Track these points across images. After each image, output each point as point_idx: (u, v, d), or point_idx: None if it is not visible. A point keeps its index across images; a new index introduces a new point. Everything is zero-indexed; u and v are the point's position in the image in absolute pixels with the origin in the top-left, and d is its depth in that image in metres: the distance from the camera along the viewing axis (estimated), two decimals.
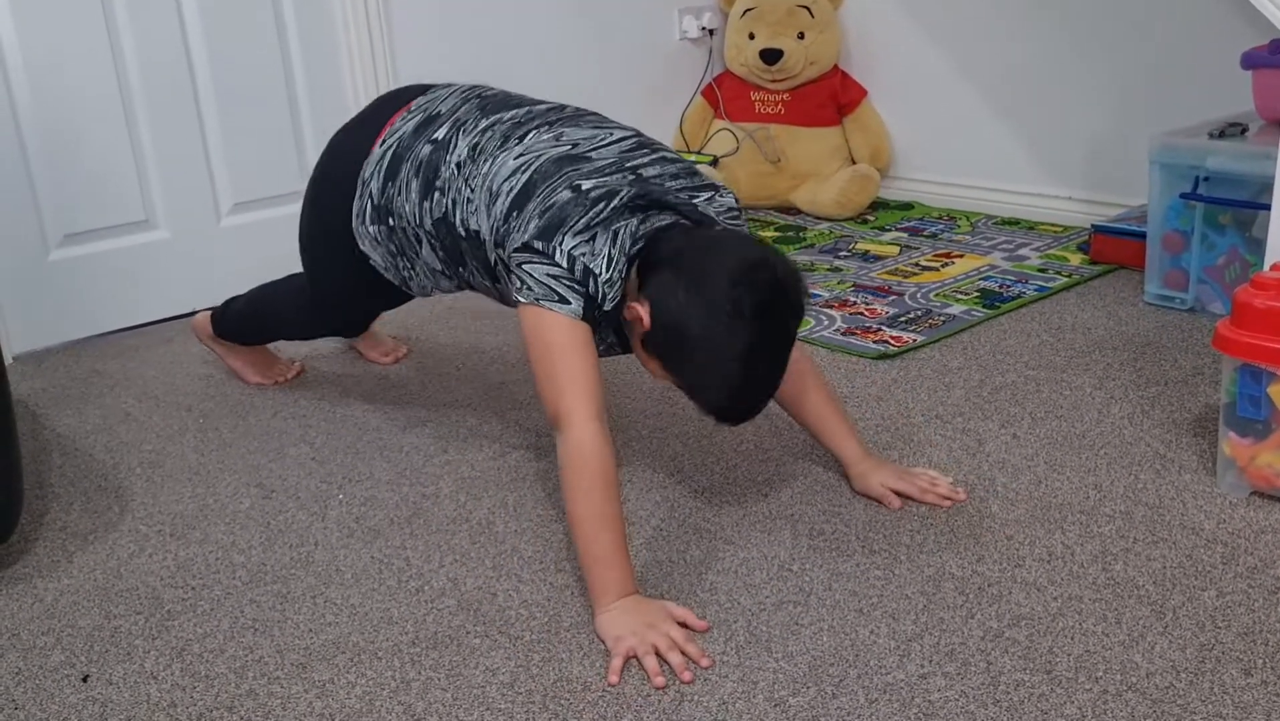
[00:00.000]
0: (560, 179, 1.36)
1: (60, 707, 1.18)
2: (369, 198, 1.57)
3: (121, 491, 1.66)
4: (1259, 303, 1.40)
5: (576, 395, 1.28)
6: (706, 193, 1.41)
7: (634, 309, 1.30)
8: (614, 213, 1.32)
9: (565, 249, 1.30)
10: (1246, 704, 1.09)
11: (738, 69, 3.13)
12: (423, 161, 1.51)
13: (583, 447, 1.26)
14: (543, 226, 1.31)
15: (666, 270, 1.29)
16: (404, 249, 1.56)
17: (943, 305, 2.26)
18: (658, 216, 1.36)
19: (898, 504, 1.48)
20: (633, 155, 1.42)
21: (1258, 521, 1.42)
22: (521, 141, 1.44)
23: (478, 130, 1.49)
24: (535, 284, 1.30)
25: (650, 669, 1.17)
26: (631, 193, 1.34)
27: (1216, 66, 2.39)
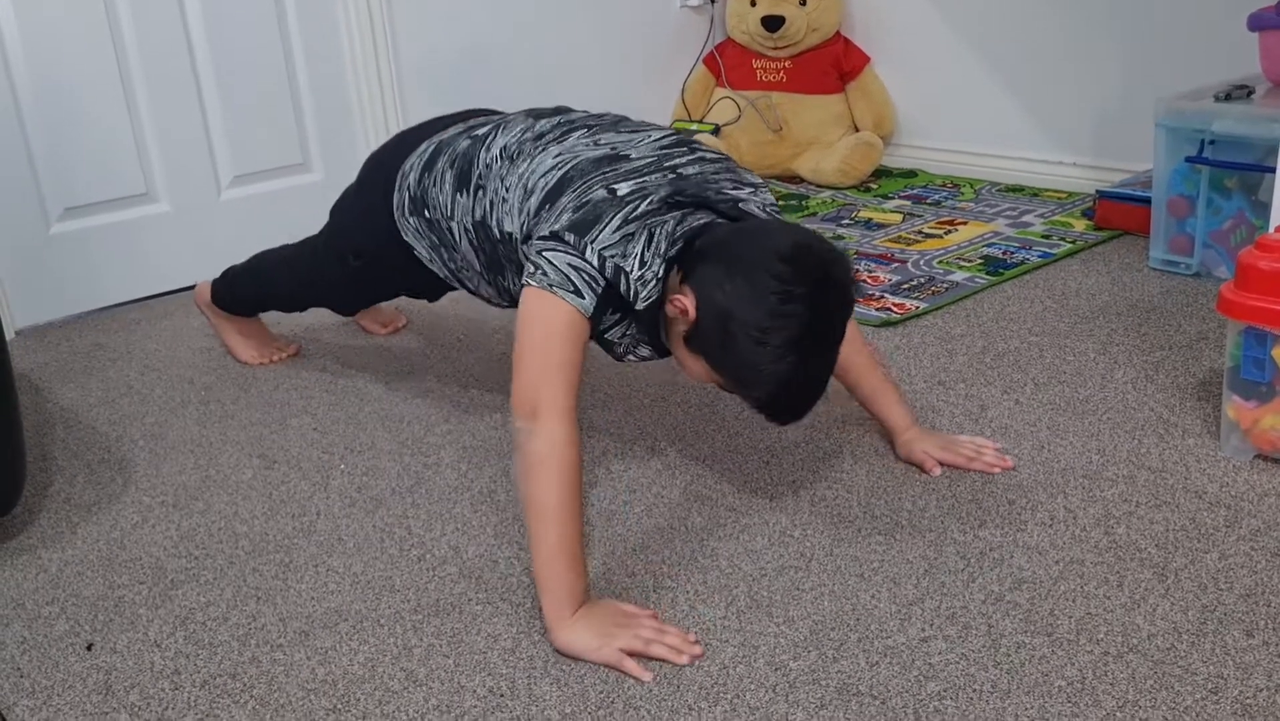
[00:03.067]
0: (597, 177, 1.32)
1: (65, 675, 1.19)
2: (406, 189, 1.55)
3: (124, 463, 1.67)
4: (1263, 265, 1.39)
5: (558, 386, 1.22)
6: (747, 189, 1.37)
7: (678, 301, 1.24)
8: (649, 212, 1.27)
9: (597, 247, 1.24)
10: (1248, 665, 1.09)
11: (739, 37, 3.11)
12: (459, 154, 1.49)
13: (556, 440, 1.19)
14: (575, 220, 1.26)
15: (710, 261, 1.23)
16: (444, 240, 1.53)
17: (946, 272, 2.25)
18: (694, 215, 1.30)
19: (937, 470, 1.48)
20: (671, 153, 1.37)
21: (1261, 484, 1.41)
22: (560, 143, 1.41)
23: (516, 130, 1.47)
24: (552, 270, 1.24)
25: (664, 655, 1.14)
26: (667, 190, 1.29)
27: (1222, 28, 2.37)
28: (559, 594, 1.18)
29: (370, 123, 2.64)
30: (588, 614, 1.18)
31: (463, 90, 2.80)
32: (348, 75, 2.60)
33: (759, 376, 1.20)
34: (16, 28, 2.15)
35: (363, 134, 2.65)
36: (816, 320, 1.20)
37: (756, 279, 1.18)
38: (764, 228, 1.29)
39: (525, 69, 2.91)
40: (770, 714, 1.07)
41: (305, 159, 2.58)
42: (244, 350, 2.02)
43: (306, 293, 1.86)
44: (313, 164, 2.60)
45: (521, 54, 2.89)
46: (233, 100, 2.43)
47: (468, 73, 2.80)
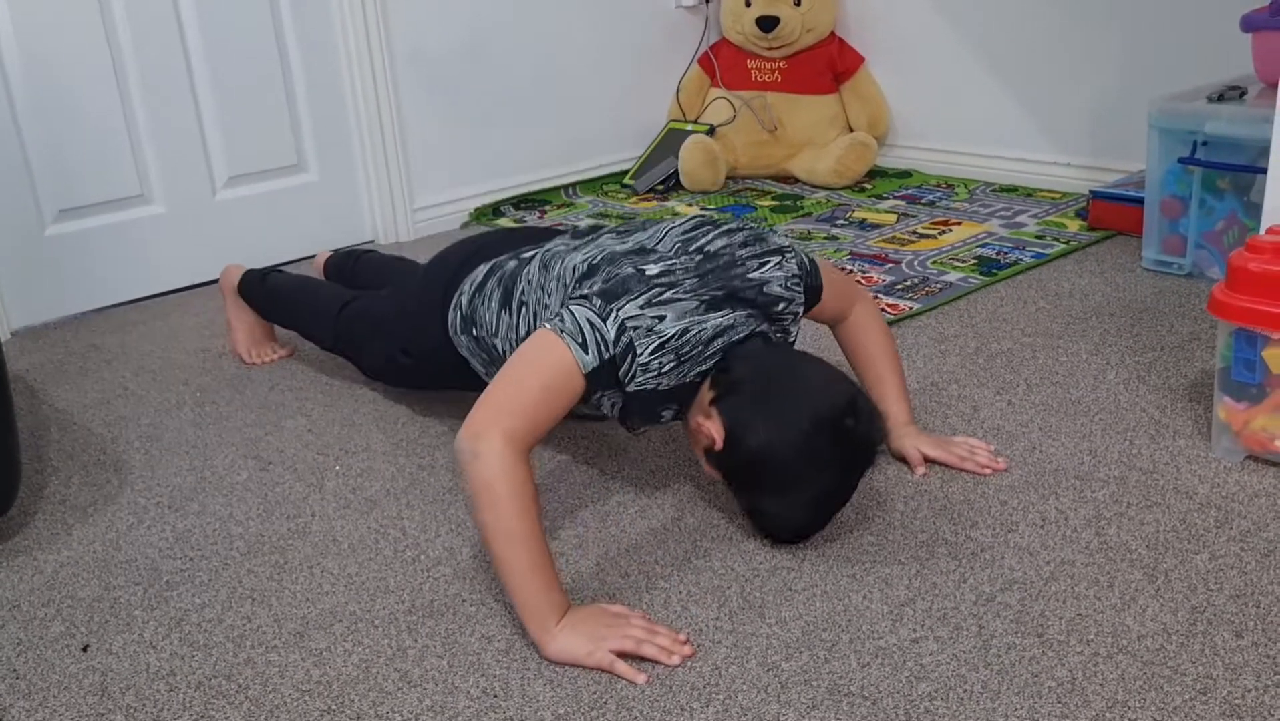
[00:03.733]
0: (626, 262, 1.34)
1: (61, 677, 1.19)
2: (459, 308, 1.55)
3: (120, 464, 1.67)
4: (1254, 266, 1.40)
5: (526, 421, 1.19)
6: (774, 258, 1.37)
7: (704, 426, 1.27)
8: (680, 297, 1.27)
9: (620, 316, 1.24)
10: (1237, 665, 1.10)
11: (734, 37, 3.12)
12: (506, 273, 1.51)
13: (510, 466, 1.16)
14: (604, 290, 1.27)
15: (745, 397, 1.26)
16: (493, 358, 1.52)
17: (939, 273, 2.26)
18: (734, 323, 1.30)
19: (922, 469, 1.49)
20: (695, 235, 1.40)
21: (1251, 485, 1.42)
22: (591, 245, 1.44)
23: (555, 246, 1.49)
24: (569, 319, 1.25)
25: (656, 655, 1.15)
26: (698, 281, 1.30)
27: (1216, 29, 2.38)
28: (541, 610, 1.17)
29: (366, 123, 2.65)
30: (573, 620, 1.17)
31: (458, 90, 2.81)
32: (343, 76, 2.61)
33: (771, 516, 1.31)
34: (11, 29, 2.15)
35: (358, 135, 2.66)
36: (840, 486, 1.29)
37: (789, 436, 1.22)
38: (806, 374, 1.29)
39: (520, 70, 2.91)
40: (762, 714, 1.07)
41: (300, 160, 2.59)
42: (242, 343, 2.03)
43: (343, 349, 1.83)
44: (308, 164, 2.60)
45: (516, 55, 2.89)
46: (228, 101, 2.44)
47: (463, 72, 2.81)
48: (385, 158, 2.69)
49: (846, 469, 1.27)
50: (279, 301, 1.96)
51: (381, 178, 2.70)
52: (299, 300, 1.93)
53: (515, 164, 2.96)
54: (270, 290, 1.97)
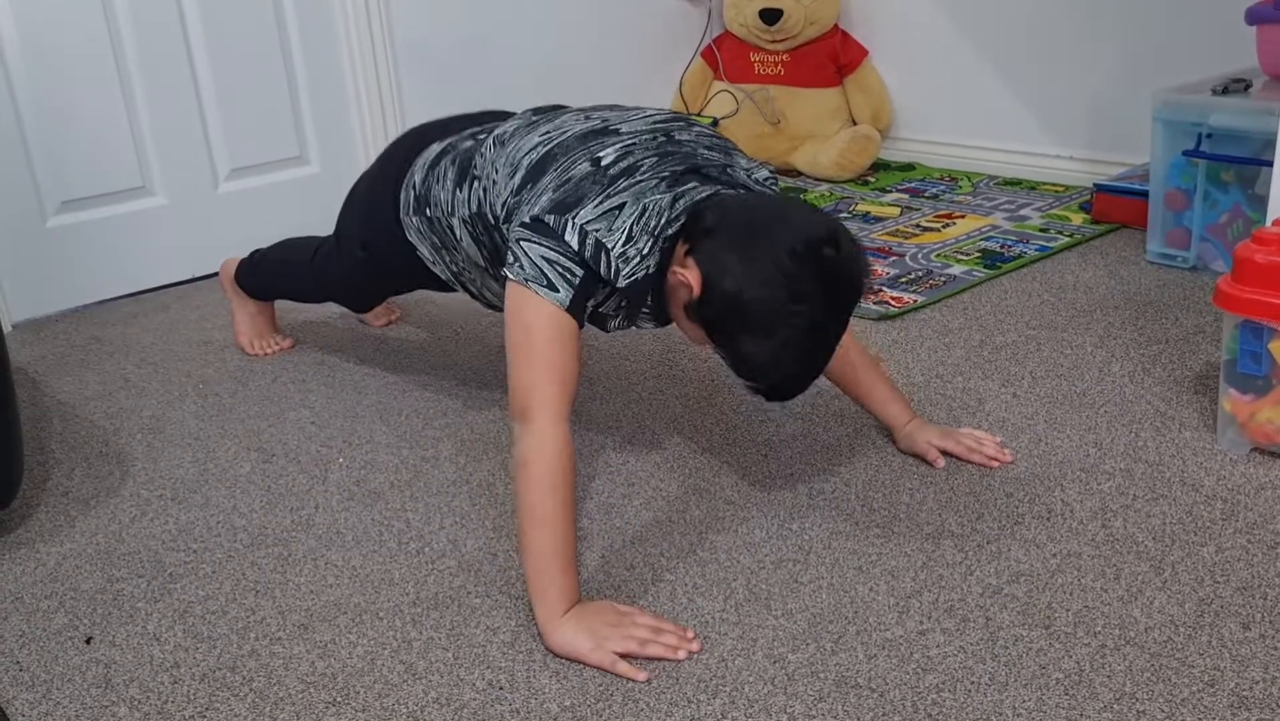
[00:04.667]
0: (581, 151, 1.29)
1: (64, 669, 1.19)
2: (411, 189, 1.54)
3: (122, 457, 1.67)
4: (1260, 258, 1.39)
5: (549, 391, 1.19)
6: (743, 162, 1.35)
7: (681, 275, 1.21)
8: (638, 184, 1.24)
9: (578, 223, 1.21)
10: (1244, 657, 1.10)
11: (737, 29, 3.11)
12: (460, 152, 1.49)
13: (548, 445, 1.18)
14: (556, 200, 1.23)
15: (719, 240, 1.20)
16: (445, 241, 1.51)
17: (943, 266, 2.25)
18: (695, 189, 1.26)
19: (942, 462, 1.48)
20: (665, 125, 1.35)
21: (1257, 477, 1.42)
22: (549, 122, 1.39)
23: (513, 122, 1.46)
24: (528, 263, 1.22)
25: (662, 653, 1.14)
26: (657, 160, 1.26)
27: (1220, 21, 2.37)
28: (552, 596, 1.16)
29: (368, 115, 2.64)
30: (580, 614, 1.16)
31: (460, 82, 2.80)
32: (345, 67, 2.60)
33: (758, 362, 1.20)
34: (13, 20, 2.15)
35: (360, 127, 2.65)
36: (823, 319, 1.20)
37: (767, 271, 1.16)
38: (780, 211, 1.24)
39: (523, 61, 2.90)
40: (769, 706, 1.07)
41: (302, 151, 2.58)
42: (244, 335, 2.03)
43: (321, 285, 1.84)
44: (310, 157, 2.59)
45: (519, 46, 2.88)
46: (229, 93, 2.43)
47: (465, 64, 2.80)
48: None
49: (830, 303, 1.19)
50: (265, 274, 1.95)
51: None
52: (280, 263, 1.93)
53: None
54: (256, 266, 1.96)
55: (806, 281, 1.16)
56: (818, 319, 1.19)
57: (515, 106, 2.96)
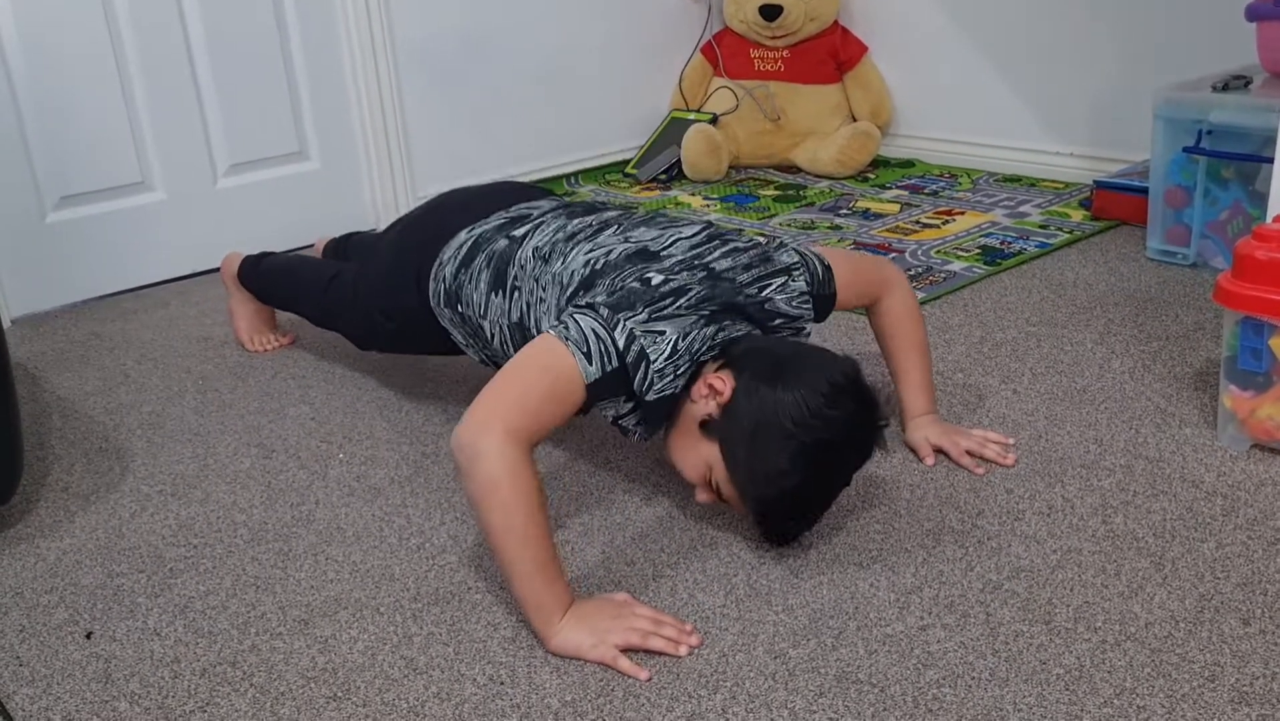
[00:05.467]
0: (631, 270, 1.31)
1: (65, 664, 1.19)
2: (442, 280, 1.53)
3: (122, 452, 1.66)
4: (1260, 255, 1.39)
5: (529, 418, 1.16)
6: (779, 279, 1.36)
7: (714, 380, 1.23)
8: (684, 310, 1.26)
9: (629, 326, 1.22)
10: (1244, 653, 1.10)
11: (737, 26, 3.11)
12: (496, 253, 1.48)
13: (515, 463, 1.13)
14: (611, 302, 1.25)
15: (755, 357, 1.24)
16: (476, 333, 1.52)
17: (943, 262, 2.25)
18: (732, 326, 1.30)
19: (931, 460, 1.48)
20: (702, 250, 1.37)
21: (1258, 474, 1.42)
22: (591, 240, 1.41)
23: (550, 229, 1.46)
24: (574, 329, 1.22)
25: (663, 647, 1.14)
26: (702, 294, 1.28)
27: (1220, 18, 2.37)
28: (545, 607, 1.15)
29: (368, 111, 2.64)
30: (578, 614, 1.16)
31: (460, 78, 2.80)
32: (345, 63, 2.60)
33: (770, 472, 1.19)
34: (12, 15, 2.14)
35: (360, 122, 2.65)
36: (846, 438, 1.23)
37: (806, 381, 1.19)
38: (816, 349, 1.30)
39: (522, 57, 2.90)
40: (769, 701, 1.07)
41: (302, 147, 2.58)
42: (243, 330, 2.03)
43: (330, 318, 1.82)
44: (310, 152, 2.59)
45: (518, 42, 2.88)
46: (229, 88, 2.43)
47: (465, 60, 2.80)
48: (387, 145, 2.68)
49: (853, 425, 1.22)
50: (271, 281, 1.96)
51: (383, 166, 2.69)
52: (290, 278, 1.93)
53: (517, 153, 2.95)
54: (264, 271, 1.97)
55: (841, 404, 1.19)
56: (840, 438, 1.21)
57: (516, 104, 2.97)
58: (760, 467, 1.20)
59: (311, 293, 1.84)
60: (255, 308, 2.02)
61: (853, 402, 1.21)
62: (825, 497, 1.27)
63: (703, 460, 1.26)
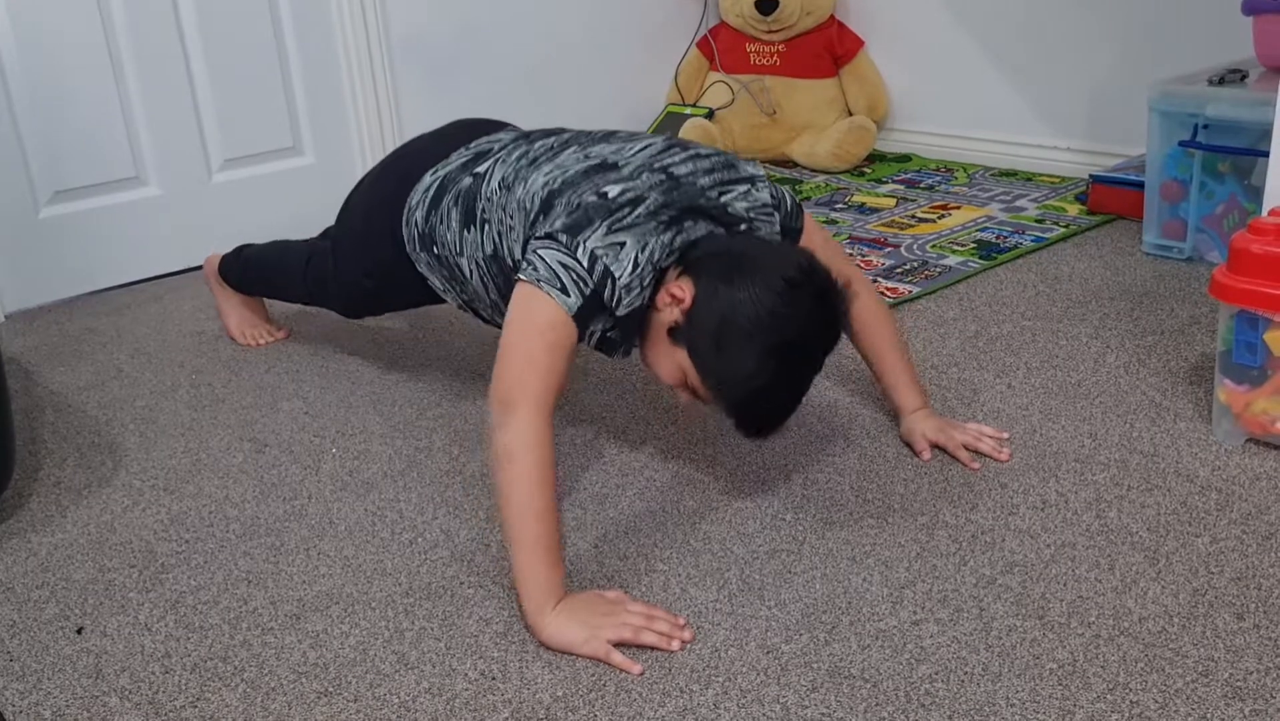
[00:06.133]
0: (587, 186, 1.31)
1: (55, 659, 1.19)
2: (415, 225, 1.54)
3: (114, 447, 1.66)
4: (1256, 248, 1.39)
5: (538, 384, 1.20)
6: (742, 186, 1.36)
7: (675, 290, 1.24)
8: (642, 219, 1.27)
9: (589, 246, 1.24)
10: (1238, 647, 1.09)
11: (733, 20, 3.10)
12: (463, 191, 1.48)
13: (531, 436, 1.18)
14: (568, 224, 1.26)
15: (716, 259, 1.25)
16: (454, 276, 1.52)
17: (939, 256, 2.25)
18: (690, 226, 1.30)
19: (928, 456, 1.47)
20: (663, 156, 1.37)
21: (1252, 468, 1.41)
22: (552, 161, 1.41)
23: (513, 159, 1.46)
24: (543, 266, 1.24)
25: (655, 642, 1.14)
26: (660, 200, 1.29)
27: (1217, 12, 2.36)
28: (539, 589, 1.16)
29: (362, 106, 2.63)
30: (570, 606, 1.16)
31: (455, 72, 2.79)
32: (339, 58, 2.59)
33: (739, 374, 1.21)
34: (6, 10, 2.13)
35: (354, 117, 2.64)
36: (808, 332, 1.23)
37: (761, 280, 1.20)
38: (772, 245, 1.32)
39: (517, 51, 2.89)
40: (762, 696, 1.07)
41: (296, 142, 2.57)
42: (234, 327, 2.02)
43: (314, 294, 1.83)
44: (304, 147, 2.58)
45: (514, 36, 2.87)
46: (223, 83, 2.42)
47: (460, 55, 2.79)
48: (382, 140, 2.67)
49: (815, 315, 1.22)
50: (254, 270, 1.95)
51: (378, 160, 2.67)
52: (270, 263, 1.93)
53: None
54: (244, 262, 1.96)
55: (796, 291, 1.21)
56: (802, 329, 1.22)
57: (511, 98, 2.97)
58: (728, 371, 1.22)
59: (293, 274, 1.85)
60: (243, 303, 2.02)
61: (810, 296, 1.22)
62: (797, 390, 1.26)
63: (676, 365, 1.27)
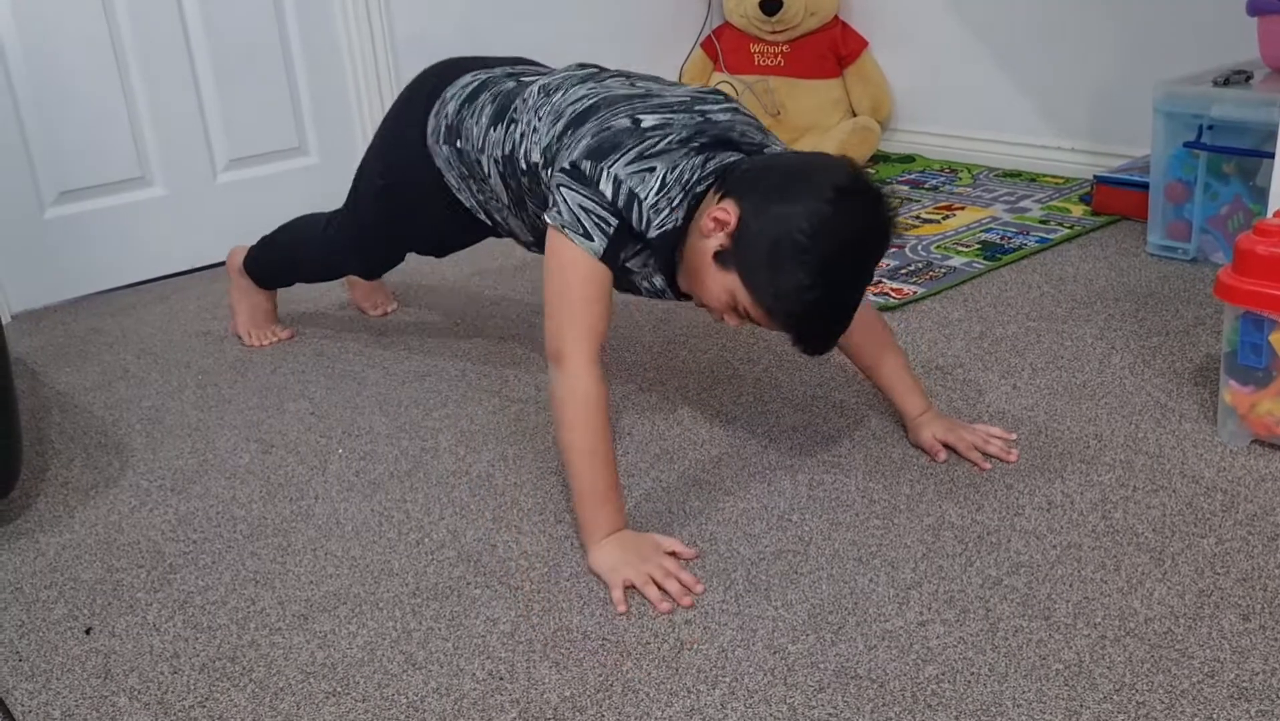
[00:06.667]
0: (624, 106, 1.33)
1: (64, 659, 1.19)
2: (444, 116, 1.57)
3: (121, 447, 1.66)
4: (1261, 249, 1.39)
5: (580, 333, 1.27)
6: (776, 145, 1.38)
7: (718, 213, 1.23)
8: (672, 146, 1.28)
9: (613, 173, 1.26)
10: (1244, 648, 1.10)
11: (737, 20, 3.10)
12: (502, 92, 1.52)
13: (578, 384, 1.27)
14: (593, 147, 1.28)
15: (759, 176, 1.25)
16: (473, 173, 1.55)
17: (944, 257, 2.25)
18: (726, 155, 1.31)
19: (943, 456, 1.47)
20: (704, 98, 1.38)
21: (1258, 469, 1.42)
22: (597, 80, 1.43)
23: (559, 74, 1.49)
24: (565, 210, 1.28)
25: (652, 597, 1.21)
26: (693, 130, 1.30)
27: (1221, 13, 2.36)
28: (589, 526, 1.28)
29: (367, 106, 2.63)
30: (618, 540, 1.27)
31: None
32: (344, 58, 2.59)
33: (796, 288, 1.19)
34: (11, 11, 2.14)
35: (359, 117, 2.64)
36: (861, 240, 1.23)
37: (810, 191, 1.20)
38: (816, 157, 1.30)
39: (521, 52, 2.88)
40: (769, 696, 1.07)
41: (301, 142, 2.57)
42: (243, 324, 2.02)
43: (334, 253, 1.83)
44: (309, 147, 2.59)
45: (517, 37, 2.87)
46: (228, 83, 2.42)
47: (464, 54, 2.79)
48: None
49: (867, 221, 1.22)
50: (277, 253, 1.94)
51: None
52: (292, 239, 1.92)
53: None
54: (266, 248, 1.95)
55: (851, 208, 1.20)
56: (856, 238, 1.21)
57: None
58: (784, 286, 1.20)
59: (314, 240, 1.86)
60: (259, 300, 2.02)
61: (861, 202, 1.22)
62: (854, 297, 1.26)
63: (725, 290, 1.26)
